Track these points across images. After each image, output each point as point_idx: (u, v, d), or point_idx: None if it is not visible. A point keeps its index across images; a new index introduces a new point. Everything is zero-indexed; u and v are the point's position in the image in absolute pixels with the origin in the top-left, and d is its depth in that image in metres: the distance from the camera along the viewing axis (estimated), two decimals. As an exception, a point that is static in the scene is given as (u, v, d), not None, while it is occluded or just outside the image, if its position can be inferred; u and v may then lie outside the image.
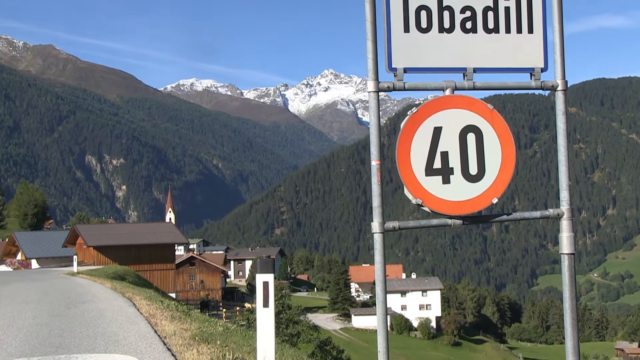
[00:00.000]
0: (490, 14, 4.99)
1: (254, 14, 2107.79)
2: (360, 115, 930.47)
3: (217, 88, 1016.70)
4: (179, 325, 12.30)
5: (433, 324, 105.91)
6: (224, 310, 72.07)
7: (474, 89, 4.97)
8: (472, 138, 4.89)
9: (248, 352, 9.91)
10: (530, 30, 5.06)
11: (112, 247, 60.67)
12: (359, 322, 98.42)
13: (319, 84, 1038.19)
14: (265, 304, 7.09)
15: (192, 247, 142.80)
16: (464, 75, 4.97)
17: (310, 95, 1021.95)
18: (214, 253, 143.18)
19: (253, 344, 10.21)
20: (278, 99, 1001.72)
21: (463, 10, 4.95)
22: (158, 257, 63.44)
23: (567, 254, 4.93)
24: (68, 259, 55.93)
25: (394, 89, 4.82)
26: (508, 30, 5.03)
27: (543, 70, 5.08)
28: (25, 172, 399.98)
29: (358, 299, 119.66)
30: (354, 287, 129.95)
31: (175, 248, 74.75)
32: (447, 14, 4.92)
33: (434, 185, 4.84)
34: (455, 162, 4.87)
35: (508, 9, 5.02)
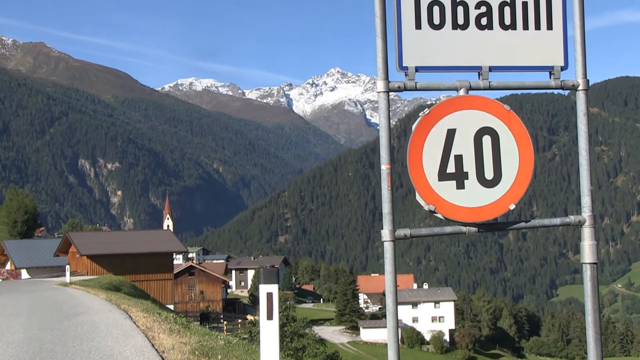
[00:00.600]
0: (507, 10, 4.99)
1: (256, 10, 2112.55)
2: (369, 117, 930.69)
3: (217, 88, 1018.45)
4: (178, 339, 12.29)
5: (446, 337, 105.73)
6: (225, 323, 72.00)
7: (490, 89, 4.96)
8: (487, 141, 4.89)
9: (251, 367, 9.90)
10: (550, 27, 5.05)
11: (106, 256, 60.65)
12: (368, 335, 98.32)
13: (325, 84, 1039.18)
14: (269, 316, 7.08)
15: (191, 256, 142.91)
16: (479, 75, 4.97)
17: (316, 95, 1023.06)
18: (215, 262, 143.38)
19: (256, 359, 10.20)
20: (282, 99, 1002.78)
21: (478, 6, 4.94)
22: (155, 266, 63.40)
23: (589, 264, 4.92)
24: (60, 269, 55.96)
25: (405, 89, 4.83)
26: (526, 27, 5.02)
27: (563, 69, 5.08)
28: (15, 176, 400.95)
29: (367, 311, 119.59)
30: (363, 298, 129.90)
31: (174, 257, 74.71)
32: (461, 10, 4.92)
33: (448, 191, 4.84)
34: (470, 166, 4.87)
35: (526, 4, 5.01)
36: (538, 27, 5.03)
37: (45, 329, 14.29)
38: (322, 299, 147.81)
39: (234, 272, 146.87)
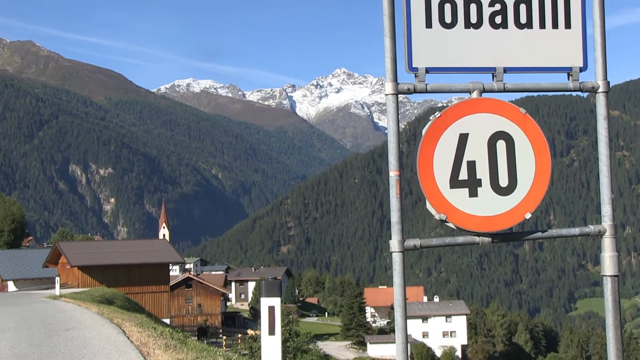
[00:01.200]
0: (523, 7, 4.99)
1: (257, 7, 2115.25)
2: (377, 120, 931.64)
3: (216, 89, 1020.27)
4: (174, 355, 12.29)
5: (458, 353, 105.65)
6: (224, 338, 71.99)
7: (504, 91, 4.96)
8: (502, 146, 4.89)
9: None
10: (568, 25, 5.05)
11: (99, 267, 60.69)
12: (376, 351, 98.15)
13: (330, 85, 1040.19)
14: (271, 331, 7.09)
15: (188, 266, 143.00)
16: (493, 76, 4.97)
17: (321, 97, 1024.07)
18: (213, 273, 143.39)
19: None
20: (284, 101, 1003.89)
21: (492, 3, 4.94)
22: (150, 278, 63.40)
23: (610, 276, 4.92)
24: (49, 281, 55.98)
25: (415, 91, 4.82)
26: (543, 26, 5.02)
27: (582, 70, 5.07)
28: (2, 183, 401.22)
29: (374, 325, 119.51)
30: (370, 311, 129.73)
31: (170, 268, 74.77)
32: (474, 8, 4.92)
33: (460, 199, 4.83)
34: (484, 172, 4.86)
35: (542, 2, 5.02)
36: (555, 25, 5.03)
37: (34, 345, 14.30)
38: (326, 313, 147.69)
39: (234, 284, 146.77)
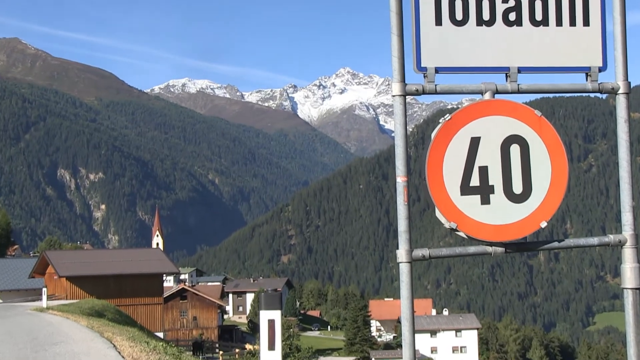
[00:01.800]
0: (538, 4, 4.98)
1: (256, 3, 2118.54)
2: (382, 122, 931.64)
3: (213, 89, 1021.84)
4: (168, 371, 12.28)
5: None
6: (221, 353, 72.01)
7: (519, 92, 4.95)
8: (516, 150, 4.88)
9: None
10: (586, 22, 5.04)
11: (88, 277, 60.64)
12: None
13: (334, 85, 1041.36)
14: (271, 346, 7.09)
15: (183, 277, 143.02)
16: (507, 76, 4.96)
17: (324, 98, 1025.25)
18: (209, 285, 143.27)
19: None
20: (285, 103, 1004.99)
21: (506, 0, 4.94)
22: (143, 289, 63.35)
23: (631, 289, 4.90)
24: (36, 292, 56.00)
25: (424, 92, 4.81)
26: (559, 23, 5.01)
27: (601, 70, 5.06)
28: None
29: (380, 340, 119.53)
30: (375, 325, 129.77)
31: (164, 279, 74.78)
32: (486, 4, 4.91)
33: (471, 206, 4.82)
34: (497, 178, 4.85)
35: (559, -2, 5.02)
36: (573, 23, 5.02)
37: (20, 360, 14.28)
38: (329, 326, 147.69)
39: (231, 295, 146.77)
